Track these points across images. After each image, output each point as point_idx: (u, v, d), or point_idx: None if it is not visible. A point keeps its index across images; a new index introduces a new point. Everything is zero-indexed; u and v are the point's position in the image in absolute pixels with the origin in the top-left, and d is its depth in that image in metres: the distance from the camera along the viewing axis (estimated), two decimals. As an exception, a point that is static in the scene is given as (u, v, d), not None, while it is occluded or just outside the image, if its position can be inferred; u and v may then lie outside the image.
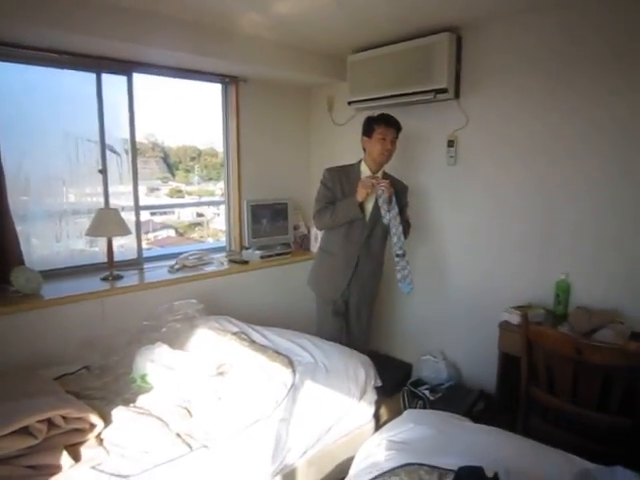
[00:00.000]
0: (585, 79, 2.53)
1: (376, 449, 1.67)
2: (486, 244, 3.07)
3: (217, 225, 4.99)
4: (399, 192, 2.75)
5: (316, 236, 3.75)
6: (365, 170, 2.76)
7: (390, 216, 2.61)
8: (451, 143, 3.12)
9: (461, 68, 3.02)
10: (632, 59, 2.36)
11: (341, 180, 2.74)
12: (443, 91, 2.94)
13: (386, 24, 2.93)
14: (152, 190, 5.25)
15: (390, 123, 2.69)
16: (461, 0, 2.57)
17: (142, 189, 4.71)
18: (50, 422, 1.74)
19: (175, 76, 3.38)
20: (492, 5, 2.66)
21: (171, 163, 5.51)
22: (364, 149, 2.78)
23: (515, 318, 2.55)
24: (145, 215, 4.63)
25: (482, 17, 2.85)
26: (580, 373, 1.90)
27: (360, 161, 2.81)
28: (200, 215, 5.72)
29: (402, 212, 2.75)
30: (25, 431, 1.67)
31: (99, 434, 1.83)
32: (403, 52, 3.09)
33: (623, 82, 2.40)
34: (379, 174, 2.76)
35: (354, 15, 2.77)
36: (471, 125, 3.04)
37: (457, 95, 3.04)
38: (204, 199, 5.53)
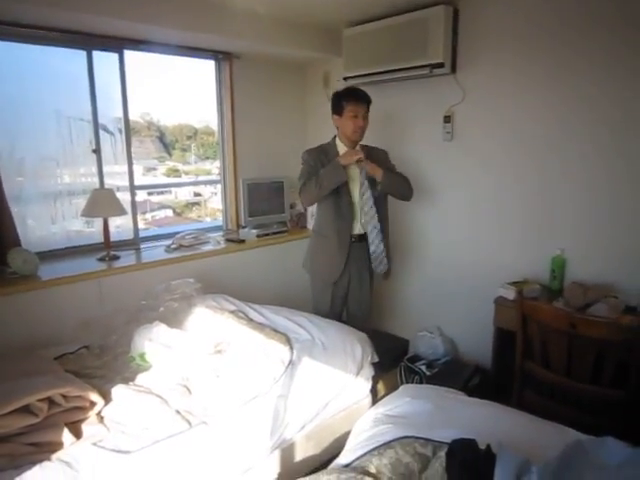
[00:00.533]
0: (584, 58, 2.50)
1: (372, 423, 1.70)
2: (483, 220, 3.07)
3: (214, 204, 4.97)
4: (380, 158, 2.70)
5: (312, 214, 3.74)
6: (342, 147, 2.70)
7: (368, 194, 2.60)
8: (447, 119, 3.09)
9: (458, 42, 2.98)
10: (633, 39, 2.33)
11: (321, 159, 2.68)
12: (439, 66, 2.90)
13: (381, -4, 2.87)
14: (149, 170, 5.22)
15: (359, 98, 2.61)
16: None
17: (139, 169, 4.68)
18: (50, 400, 1.76)
19: (167, 53, 3.32)
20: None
21: (167, 142, 5.47)
22: (337, 127, 2.71)
23: (510, 294, 2.57)
24: (142, 195, 4.62)
25: (479, -11, 2.79)
26: (574, 347, 1.92)
27: (334, 137, 2.75)
28: (197, 194, 5.69)
29: (394, 172, 2.73)
30: (26, 410, 1.69)
31: (99, 412, 1.86)
32: (399, 26, 3.04)
33: (622, 62, 2.38)
34: (357, 148, 2.69)
35: (349, -13, 2.71)
36: (468, 100, 3.00)
37: (454, 70, 3.00)
38: (201, 178, 5.50)
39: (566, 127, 2.62)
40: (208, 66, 3.61)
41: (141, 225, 3.41)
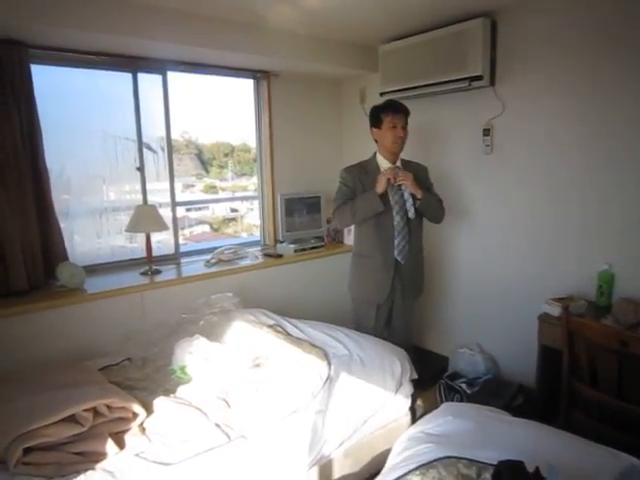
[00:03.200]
0: (624, 68, 2.43)
1: (413, 442, 1.66)
2: (523, 234, 2.99)
3: (250, 220, 5.04)
4: (420, 175, 2.67)
5: (349, 229, 3.74)
6: (382, 161, 2.68)
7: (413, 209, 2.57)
8: (487, 132, 3.05)
9: (496, 54, 2.94)
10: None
11: (361, 177, 2.67)
12: (478, 78, 2.87)
13: (418, 12, 2.87)
14: (187, 186, 5.34)
15: (398, 109, 2.60)
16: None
17: (177, 186, 4.79)
18: (95, 411, 1.81)
19: (208, 73, 3.43)
20: (528, -12, 2.58)
21: (205, 159, 5.58)
22: (376, 141, 2.70)
23: (555, 310, 2.49)
24: (181, 211, 4.72)
25: (518, 1, 2.75)
26: (625, 366, 1.84)
27: (375, 154, 2.74)
28: (234, 210, 5.78)
29: (430, 191, 2.71)
30: (72, 419, 1.75)
31: (142, 423, 1.89)
32: (436, 40, 3.03)
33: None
34: (398, 163, 2.68)
35: (385, 4, 2.73)
36: (507, 113, 2.96)
37: (492, 82, 2.96)
38: (237, 194, 5.59)
39: (609, 139, 2.53)
40: (246, 85, 3.70)
41: (180, 240, 3.49)
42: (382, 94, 3.39)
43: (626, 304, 2.37)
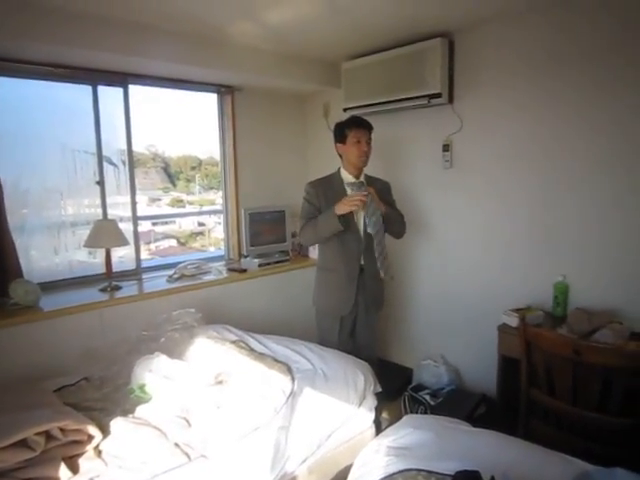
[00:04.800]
0: (581, 77, 2.54)
1: (374, 455, 1.66)
2: (484, 247, 3.07)
3: (218, 234, 4.99)
4: (383, 191, 2.71)
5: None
6: (346, 177, 2.70)
7: (377, 226, 2.56)
8: (446, 147, 3.13)
9: (454, 72, 3.04)
10: (627, 56, 2.37)
11: (325, 191, 2.68)
12: (437, 96, 2.96)
13: (380, 31, 2.95)
14: (153, 200, 5.26)
15: (361, 125, 2.65)
16: (452, 6, 2.59)
17: (143, 199, 4.71)
18: (48, 434, 1.74)
19: (170, 87, 3.41)
20: (483, 9, 2.68)
21: (172, 173, 5.51)
22: (340, 156, 2.73)
23: (514, 321, 2.55)
24: (146, 225, 4.64)
25: (473, 21, 2.87)
26: (580, 374, 1.89)
27: (339, 168, 2.76)
28: (201, 224, 5.72)
29: (393, 207, 2.73)
30: (23, 444, 1.67)
31: (97, 445, 1.83)
32: (396, 58, 3.11)
33: (619, 80, 2.41)
34: (362, 178, 2.71)
35: (348, 23, 2.79)
36: (466, 129, 3.05)
37: (451, 99, 3.05)
38: (205, 208, 5.54)
39: (568, 151, 2.63)
40: (211, 99, 3.69)
41: (145, 255, 3.43)
42: (345, 110, 3.45)
43: (580, 314, 2.45)
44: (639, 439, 1.82)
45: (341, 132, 2.68)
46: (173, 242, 5.66)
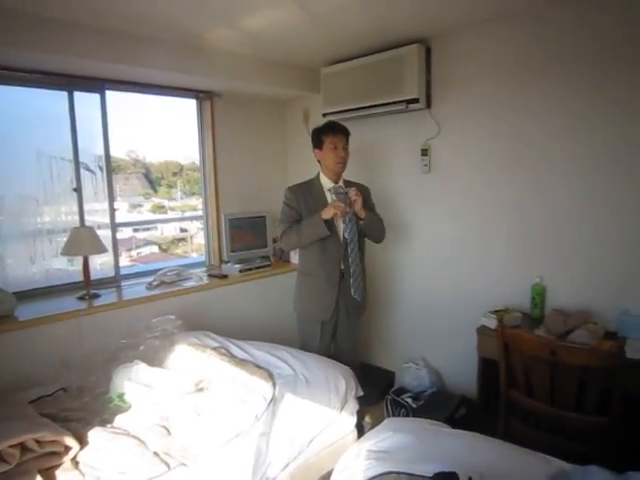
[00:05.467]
0: (555, 83, 2.59)
1: (355, 459, 1.67)
2: (463, 250, 3.10)
3: (200, 240, 4.97)
4: (363, 196, 2.69)
5: (295, 250, 3.75)
6: (326, 182, 2.72)
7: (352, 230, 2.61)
8: (425, 152, 3.17)
9: (431, 78, 3.08)
10: (596, 61, 2.43)
11: (305, 196, 2.69)
12: (414, 101, 2.99)
13: (358, 37, 2.98)
14: (134, 206, 5.20)
15: (337, 130, 2.66)
16: (429, 13, 2.63)
17: (124, 206, 4.66)
18: (23, 446, 1.70)
19: (149, 92, 3.38)
20: (459, 16, 2.72)
21: (153, 179, 5.47)
22: (319, 162, 2.74)
23: (492, 322, 2.58)
24: (127, 232, 4.58)
25: (450, 28, 2.91)
26: (556, 374, 1.92)
27: (318, 174, 2.77)
28: (184, 230, 5.67)
29: (373, 212, 2.75)
30: (-3, 456, 1.64)
31: (75, 457, 1.80)
32: (375, 64, 3.14)
33: (589, 84, 2.47)
34: (340, 182, 2.72)
35: (326, 29, 2.81)
36: (443, 133, 3.09)
37: (429, 105, 3.09)
38: (187, 214, 5.50)
39: (542, 154, 2.68)
40: (190, 104, 3.68)
41: (126, 262, 3.39)
42: (325, 115, 3.46)
43: (557, 315, 2.49)
44: (615, 437, 1.86)
45: (318, 138, 2.69)
46: (155, 248, 5.60)
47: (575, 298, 2.61)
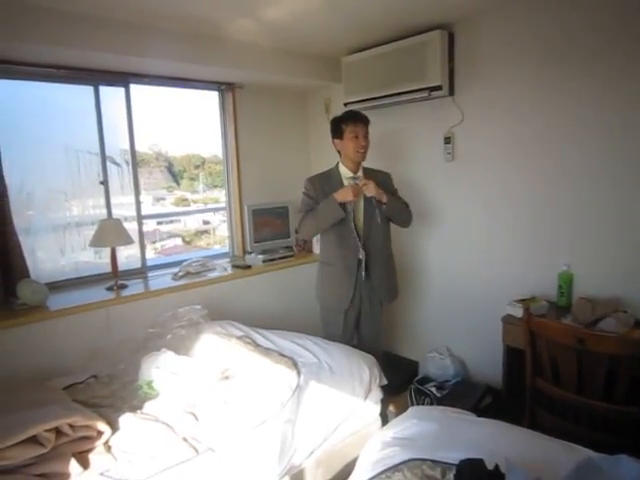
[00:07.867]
0: (582, 69, 2.52)
1: (380, 446, 1.68)
2: (487, 238, 3.07)
3: (223, 232, 5.02)
4: (383, 182, 2.70)
5: (317, 238, 3.76)
6: (345, 171, 2.71)
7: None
8: (448, 140, 3.13)
9: (454, 65, 3.03)
10: (626, 50, 2.36)
11: (323, 187, 2.69)
12: (438, 88, 2.95)
13: (379, 24, 2.95)
14: (158, 200, 5.28)
15: (358, 119, 2.64)
16: (450, -3, 2.59)
17: (148, 199, 4.73)
18: (58, 431, 1.76)
19: (171, 85, 3.42)
20: (481, 1, 2.66)
21: (176, 172, 5.53)
22: (339, 152, 2.73)
23: (518, 311, 2.55)
24: (152, 224, 4.66)
25: (473, 13, 2.86)
26: (584, 363, 1.89)
27: (337, 163, 2.76)
28: (206, 222, 5.73)
29: (395, 196, 2.73)
30: (34, 440, 1.70)
31: (107, 441, 1.85)
32: (396, 51, 3.10)
33: (617, 71, 2.40)
34: (359, 172, 2.71)
35: (347, 17, 2.79)
36: (467, 121, 3.04)
37: (452, 92, 3.05)
38: (209, 206, 5.56)
39: (568, 140, 2.63)
40: (212, 97, 3.70)
41: (151, 254, 3.45)
42: (346, 104, 3.44)
43: (584, 303, 2.44)
44: (644, 427, 1.82)
45: (338, 127, 2.68)
46: (178, 241, 5.68)
47: (603, 286, 2.56)
